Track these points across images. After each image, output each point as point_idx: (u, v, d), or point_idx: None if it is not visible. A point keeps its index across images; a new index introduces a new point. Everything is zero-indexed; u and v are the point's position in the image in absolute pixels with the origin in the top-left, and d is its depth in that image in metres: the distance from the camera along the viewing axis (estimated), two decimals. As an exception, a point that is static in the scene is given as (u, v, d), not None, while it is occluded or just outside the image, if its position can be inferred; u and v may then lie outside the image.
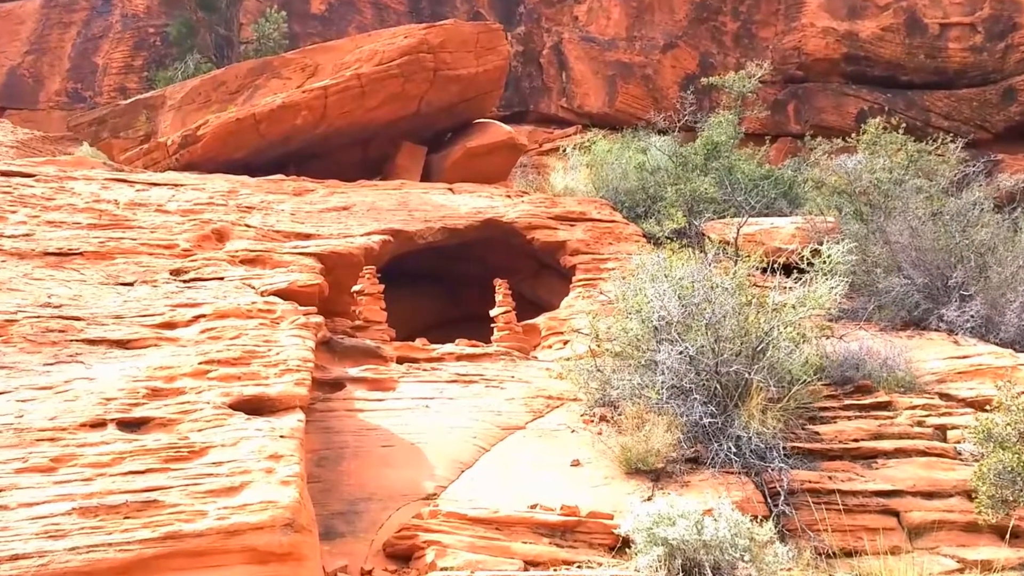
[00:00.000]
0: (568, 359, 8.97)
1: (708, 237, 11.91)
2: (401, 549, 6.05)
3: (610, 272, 10.59)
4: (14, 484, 4.87)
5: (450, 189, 14.40)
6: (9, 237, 9.19)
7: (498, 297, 11.09)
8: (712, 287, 8.09)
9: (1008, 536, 6.74)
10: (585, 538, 6.18)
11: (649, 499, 6.72)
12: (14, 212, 10.05)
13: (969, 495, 6.95)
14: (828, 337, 9.12)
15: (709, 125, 16.52)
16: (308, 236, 11.18)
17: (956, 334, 10.07)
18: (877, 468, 7.44)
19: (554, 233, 12.84)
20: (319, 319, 8.63)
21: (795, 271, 9.46)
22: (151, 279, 8.79)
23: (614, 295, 9.08)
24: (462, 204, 13.38)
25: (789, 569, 6.01)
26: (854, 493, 7.06)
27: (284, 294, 8.91)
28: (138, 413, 5.75)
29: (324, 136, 15.59)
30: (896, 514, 6.98)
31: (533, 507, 6.39)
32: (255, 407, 6.18)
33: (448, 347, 10.10)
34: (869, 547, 6.52)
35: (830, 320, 9.54)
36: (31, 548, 4.43)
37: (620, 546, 6.09)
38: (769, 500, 6.90)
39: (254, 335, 7.39)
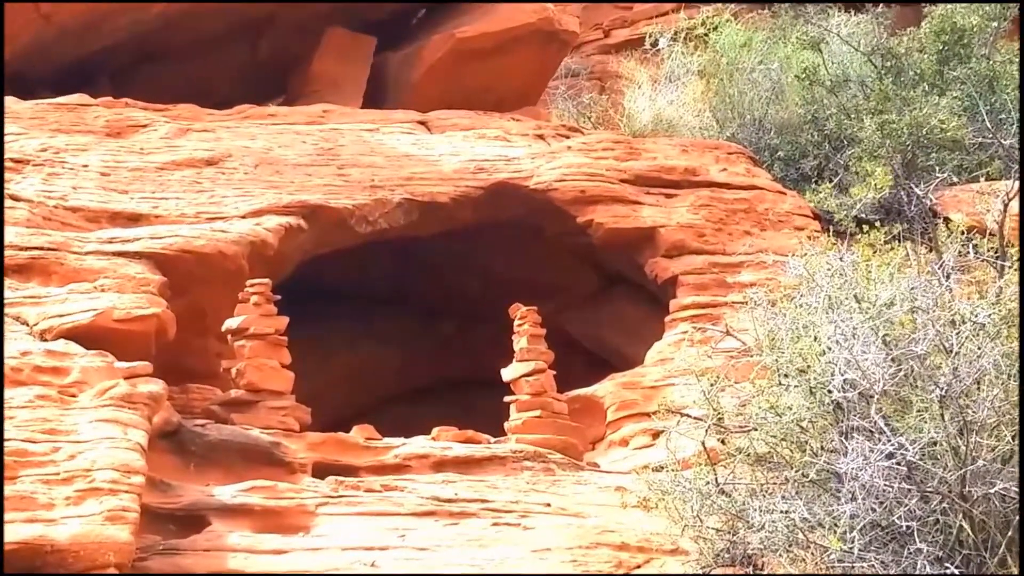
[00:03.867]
0: (661, 469, 8.99)
1: (944, 219, 11.85)
2: None
3: (746, 292, 10.55)
4: None
5: (423, 123, 14.43)
6: None
7: (519, 342, 11.02)
8: (953, 322, 8.11)
9: None
10: None
11: None
12: None
13: None
14: None
15: (947, -5, 16.54)
16: (136, 218, 11.24)
17: None
18: None
19: (633, 212, 12.87)
20: (157, 386, 8.69)
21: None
22: None
23: (754, 339, 9.12)
24: (447, 153, 13.40)
25: None
26: None
27: (86, 335, 8.94)
28: None
29: (169, 20, 15.72)
30: None
31: None
32: (28, 564, 6.18)
33: (418, 443, 10.12)
34: None
35: None
36: None
37: None
38: None
39: (26, 419, 7.41)
